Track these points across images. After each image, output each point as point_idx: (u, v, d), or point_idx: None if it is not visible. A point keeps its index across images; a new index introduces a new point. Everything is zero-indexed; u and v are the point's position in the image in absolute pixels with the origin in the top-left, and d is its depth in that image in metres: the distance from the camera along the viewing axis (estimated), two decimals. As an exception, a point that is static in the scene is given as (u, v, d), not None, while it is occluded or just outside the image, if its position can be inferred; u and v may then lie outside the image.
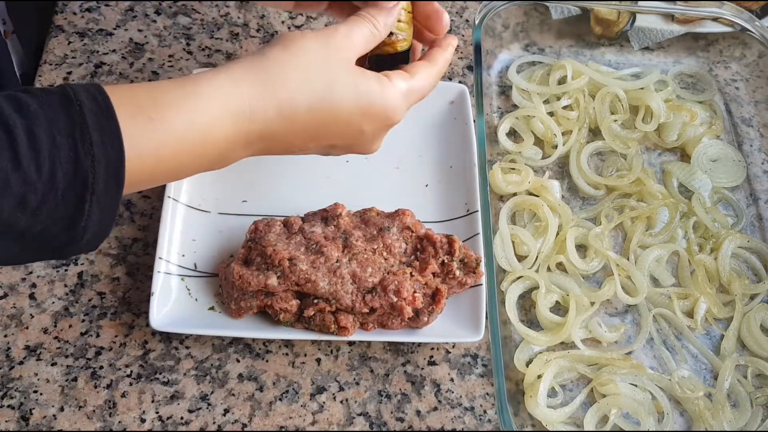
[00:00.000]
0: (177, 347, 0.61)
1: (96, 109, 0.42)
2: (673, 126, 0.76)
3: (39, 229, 0.41)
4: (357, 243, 0.60)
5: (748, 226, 0.72)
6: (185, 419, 0.58)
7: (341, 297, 0.58)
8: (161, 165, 0.46)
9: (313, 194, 0.67)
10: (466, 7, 0.84)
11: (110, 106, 0.43)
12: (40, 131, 0.40)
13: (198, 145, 0.47)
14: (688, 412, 0.61)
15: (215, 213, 0.66)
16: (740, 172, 0.74)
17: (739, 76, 0.82)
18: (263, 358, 0.61)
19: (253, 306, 0.59)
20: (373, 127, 0.54)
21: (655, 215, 0.69)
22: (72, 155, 0.41)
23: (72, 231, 0.42)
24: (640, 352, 0.64)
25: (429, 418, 0.59)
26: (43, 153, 0.40)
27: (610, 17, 0.80)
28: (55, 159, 0.40)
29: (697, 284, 0.66)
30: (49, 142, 0.40)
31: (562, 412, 0.59)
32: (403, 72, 0.55)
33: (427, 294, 0.60)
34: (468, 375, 0.62)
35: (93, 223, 0.43)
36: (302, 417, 0.59)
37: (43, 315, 0.62)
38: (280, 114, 0.49)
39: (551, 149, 0.73)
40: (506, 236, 0.67)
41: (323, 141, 0.53)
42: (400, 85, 0.54)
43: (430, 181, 0.70)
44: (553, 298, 0.65)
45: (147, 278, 0.63)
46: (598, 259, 0.67)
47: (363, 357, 0.62)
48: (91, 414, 0.58)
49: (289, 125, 0.50)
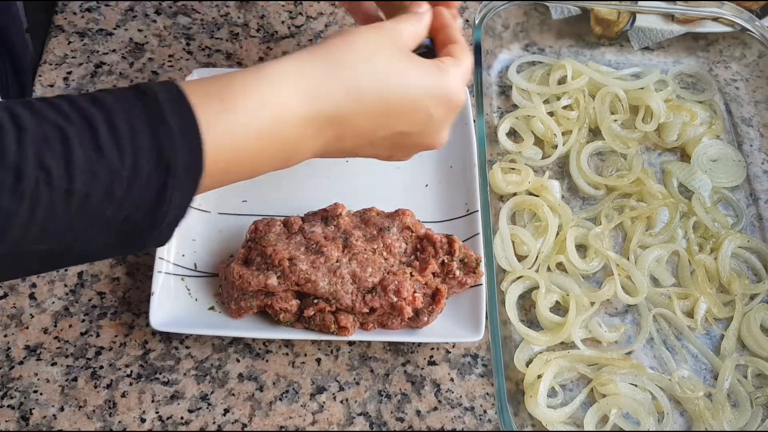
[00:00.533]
0: (177, 347, 0.61)
1: (170, 98, 0.43)
2: (673, 126, 0.76)
3: (123, 217, 0.42)
4: (357, 243, 0.60)
5: (748, 226, 0.72)
6: (185, 419, 0.58)
7: (341, 297, 0.58)
8: (237, 153, 0.46)
9: (313, 194, 0.67)
10: (466, 7, 0.84)
11: (183, 94, 0.43)
12: (119, 122, 0.41)
13: (272, 131, 0.48)
14: (688, 412, 0.61)
15: (215, 213, 0.66)
16: (740, 172, 0.74)
17: (739, 76, 0.82)
18: (263, 358, 0.61)
19: (253, 306, 0.59)
20: (439, 110, 0.54)
21: (655, 215, 0.69)
22: (153, 142, 0.41)
23: (154, 216, 0.43)
24: (640, 352, 0.64)
25: (429, 418, 0.59)
26: (124, 142, 0.41)
27: (610, 17, 0.80)
28: (137, 147, 0.41)
29: (697, 284, 0.66)
30: (129, 131, 0.41)
31: (562, 412, 0.59)
32: (448, 57, 0.56)
33: (427, 294, 0.60)
34: (468, 375, 0.62)
35: (174, 206, 0.43)
36: (302, 417, 0.59)
37: (43, 315, 0.62)
38: (348, 94, 0.50)
39: (551, 149, 0.73)
40: (506, 236, 0.67)
41: (393, 126, 0.53)
42: (454, 68, 0.55)
43: (430, 181, 0.70)
44: (553, 298, 0.65)
45: (147, 278, 0.63)
46: (598, 259, 0.67)
47: (363, 357, 0.62)
48: (91, 414, 0.58)
49: (357, 106, 0.50)
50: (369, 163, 0.70)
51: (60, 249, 0.42)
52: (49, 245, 0.41)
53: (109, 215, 0.41)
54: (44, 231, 0.40)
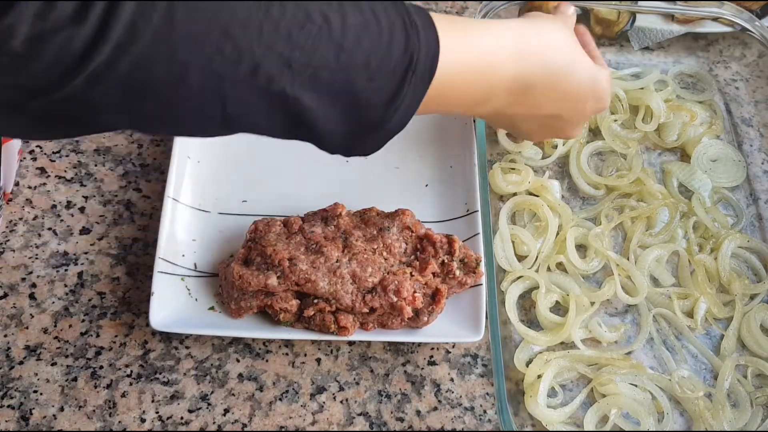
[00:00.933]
0: (177, 347, 0.61)
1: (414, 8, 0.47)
2: (673, 126, 0.76)
3: (366, 98, 0.44)
4: (357, 243, 0.60)
5: (748, 226, 0.72)
6: (185, 419, 0.58)
7: (341, 297, 0.58)
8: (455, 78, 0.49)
9: (313, 194, 0.67)
10: (466, 7, 0.84)
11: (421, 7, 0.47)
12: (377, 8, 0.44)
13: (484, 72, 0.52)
14: (688, 412, 0.61)
15: (215, 213, 0.66)
16: (740, 172, 0.74)
17: (739, 76, 0.82)
18: (263, 358, 0.61)
19: (253, 306, 0.59)
20: (592, 105, 0.60)
21: (655, 215, 0.69)
22: (404, 32, 0.45)
23: (388, 108, 0.45)
24: (640, 352, 0.64)
25: (429, 418, 0.59)
26: (383, 23, 0.44)
27: (610, 17, 0.80)
28: (393, 32, 0.44)
29: (697, 284, 0.66)
30: (386, 15, 0.44)
31: (562, 412, 0.59)
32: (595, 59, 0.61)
33: (427, 294, 0.60)
34: (468, 375, 0.62)
35: (404, 105, 0.46)
36: (302, 417, 0.59)
37: (43, 315, 0.62)
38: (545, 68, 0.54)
39: (551, 149, 0.73)
40: (506, 236, 0.67)
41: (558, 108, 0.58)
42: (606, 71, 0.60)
43: (430, 181, 0.70)
44: (553, 298, 0.65)
45: (147, 278, 0.63)
46: (598, 259, 0.67)
47: (363, 357, 0.62)
48: (91, 414, 0.58)
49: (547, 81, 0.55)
50: (369, 163, 0.70)
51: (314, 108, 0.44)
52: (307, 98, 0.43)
53: (359, 87, 0.44)
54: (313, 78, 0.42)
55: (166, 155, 0.70)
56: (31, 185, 0.68)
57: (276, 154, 0.70)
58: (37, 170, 0.69)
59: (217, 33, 0.39)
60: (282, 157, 0.70)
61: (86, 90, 0.38)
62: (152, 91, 0.40)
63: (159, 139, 0.72)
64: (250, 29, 0.40)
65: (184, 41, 0.38)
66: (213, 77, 0.40)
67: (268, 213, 0.66)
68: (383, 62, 0.44)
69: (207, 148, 0.69)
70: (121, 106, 0.40)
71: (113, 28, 0.36)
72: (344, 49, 0.43)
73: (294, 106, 0.43)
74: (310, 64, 0.42)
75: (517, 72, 0.53)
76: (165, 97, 0.40)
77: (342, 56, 0.43)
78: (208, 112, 0.42)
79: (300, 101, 0.43)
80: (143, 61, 0.38)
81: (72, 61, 0.36)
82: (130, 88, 0.39)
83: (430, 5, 0.84)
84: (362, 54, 0.43)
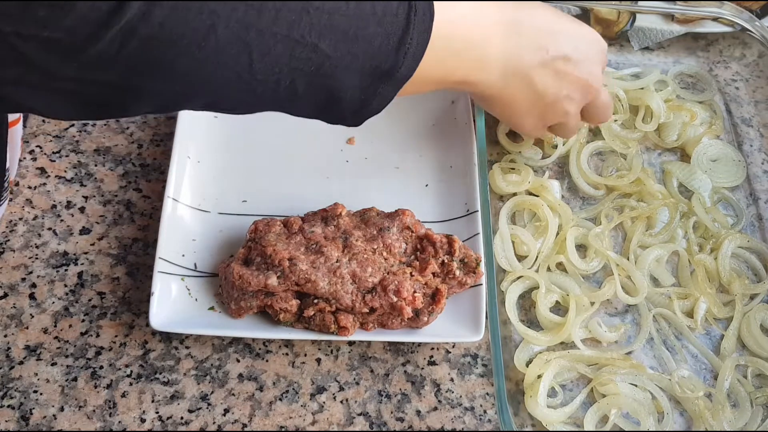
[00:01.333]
0: (177, 347, 0.61)
1: None
2: (673, 126, 0.76)
3: (378, 44, 0.47)
4: (357, 243, 0.60)
5: (748, 226, 0.72)
6: (185, 419, 0.58)
7: (341, 297, 0.58)
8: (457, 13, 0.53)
9: (313, 194, 0.67)
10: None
11: None
12: None
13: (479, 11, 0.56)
14: (688, 412, 0.61)
15: (215, 213, 0.66)
16: (740, 172, 0.74)
17: (739, 76, 0.82)
18: (263, 358, 0.61)
19: (253, 306, 0.59)
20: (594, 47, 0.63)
21: (655, 215, 0.69)
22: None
23: (398, 53, 0.48)
24: (640, 352, 0.64)
25: (429, 418, 0.59)
26: None
27: (610, 17, 0.80)
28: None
29: (697, 284, 0.66)
30: None
31: (562, 412, 0.59)
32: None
33: (427, 294, 0.60)
34: (468, 375, 0.62)
35: (412, 49, 0.49)
36: (302, 417, 0.59)
37: (43, 315, 0.62)
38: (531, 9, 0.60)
39: (551, 149, 0.73)
40: (506, 236, 0.67)
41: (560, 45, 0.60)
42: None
43: (430, 181, 0.70)
44: (553, 298, 0.65)
45: (147, 278, 0.63)
46: (598, 259, 0.67)
47: (363, 357, 0.62)
48: (91, 414, 0.58)
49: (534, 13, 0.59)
50: (369, 163, 0.70)
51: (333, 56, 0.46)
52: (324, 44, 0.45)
53: (371, 32, 0.47)
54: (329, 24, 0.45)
55: (166, 155, 0.70)
56: (31, 185, 0.68)
57: (276, 154, 0.70)
58: (37, 170, 0.69)
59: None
60: (282, 157, 0.70)
61: (120, 47, 0.38)
62: (184, 46, 0.40)
63: (159, 139, 0.72)
64: None
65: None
66: (239, 26, 0.41)
67: (268, 213, 0.66)
68: (387, 7, 0.47)
69: (207, 148, 0.69)
70: (153, 67, 0.41)
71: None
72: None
73: (314, 55, 0.45)
74: (324, 8, 0.44)
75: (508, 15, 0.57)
76: (196, 51, 0.41)
77: (351, 2, 0.45)
78: (237, 66, 0.43)
79: (319, 47, 0.45)
80: (176, 10, 0.39)
81: (107, 9, 0.37)
82: (163, 42, 0.40)
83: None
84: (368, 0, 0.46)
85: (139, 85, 0.42)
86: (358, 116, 0.52)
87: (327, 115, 0.52)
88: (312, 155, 0.70)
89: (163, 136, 0.72)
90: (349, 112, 0.52)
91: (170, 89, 0.44)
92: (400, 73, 0.49)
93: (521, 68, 0.58)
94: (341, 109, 0.51)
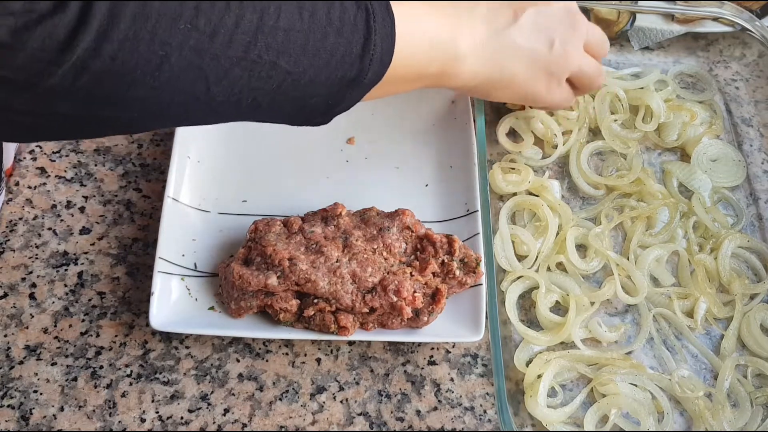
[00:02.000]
0: (177, 347, 0.61)
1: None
2: (673, 126, 0.76)
3: (341, 52, 0.47)
4: (357, 243, 0.60)
5: (748, 226, 0.72)
6: (185, 419, 0.58)
7: (341, 297, 0.58)
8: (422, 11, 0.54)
9: (313, 194, 0.67)
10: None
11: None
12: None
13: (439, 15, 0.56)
14: (688, 412, 0.61)
15: (215, 213, 0.66)
16: (740, 172, 0.74)
17: (739, 76, 0.82)
18: (263, 358, 0.61)
19: (253, 306, 0.59)
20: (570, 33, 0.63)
21: (655, 215, 0.69)
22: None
23: (362, 60, 0.48)
24: (640, 352, 0.64)
25: (429, 418, 0.59)
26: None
27: (610, 17, 0.80)
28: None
29: (697, 284, 0.66)
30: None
31: (562, 412, 0.59)
32: None
33: (427, 294, 0.60)
34: (468, 375, 0.62)
35: (378, 54, 0.49)
36: (302, 417, 0.59)
37: (43, 315, 0.62)
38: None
39: (551, 149, 0.73)
40: (506, 236, 0.67)
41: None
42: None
43: (430, 181, 0.70)
44: (553, 297, 0.65)
45: (147, 278, 0.63)
46: (598, 259, 0.67)
47: (363, 357, 0.62)
48: (91, 414, 0.58)
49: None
50: (369, 163, 0.70)
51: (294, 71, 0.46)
52: (284, 61, 0.45)
53: (330, 43, 0.46)
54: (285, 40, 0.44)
55: (166, 155, 0.70)
56: (31, 185, 0.68)
57: (276, 154, 0.70)
58: (37, 170, 0.69)
59: (190, 9, 0.41)
60: (282, 158, 0.70)
61: (73, 81, 0.38)
62: (138, 77, 0.40)
63: (159, 139, 0.72)
64: (218, 2, 0.42)
65: (161, 20, 0.39)
66: (192, 54, 0.41)
67: (268, 213, 0.66)
68: (343, 16, 0.47)
69: (207, 148, 0.69)
70: (108, 98, 0.41)
71: (94, 14, 0.37)
72: (305, 9, 0.45)
73: (274, 72, 0.45)
74: (279, 26, 0.44)
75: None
76: (150, 81, 0.41)
77: (305, 14, 0.45)
78: (194, 92, 0.43)
79: (278, 65, 0.45)
80: (126, 44, 0.39)
81: (57, 48, 0.37)
82: (115, 74, 0.40)
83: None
84: (321, 11, 0.46)
85: (95, 114, 0.42)
86: (325, 117, 0.52)
87: (293, 121, 0.52)
88: (312, 155, 0.70)
89: (163, 136, 0.72)
90: (316, 116, 0.52)
91: (128, 116, 0.44)
92: (368, 79, 0.49)
93: (499, 39, 0.58)
94: (307, 115, 0.51)
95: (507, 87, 0.62)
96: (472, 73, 0.58)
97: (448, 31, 0.55)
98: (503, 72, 0.60)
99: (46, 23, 0.37)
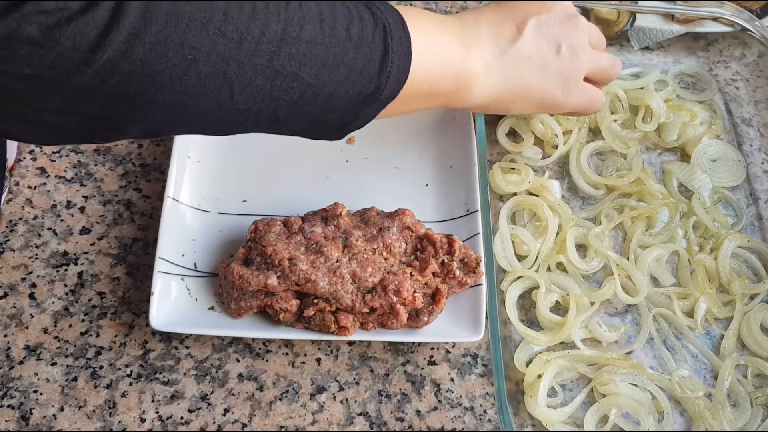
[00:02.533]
0: (177, 347, 0.61)
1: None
2: (673, 126, 0.76)
3: (360, 67, 0.48)
4: (357, 243, 0.60)
5: (748, 226, 0.72)
6: (185, 419, 0.58)
7: (341, 297, 0.58)
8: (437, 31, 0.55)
9: (313, 194, 0.67)
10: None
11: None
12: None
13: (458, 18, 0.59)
14: (688, 412, 0.61)
15: (215, 213, 0.66)
16: (740, 171, 0.74)
17: (739, 76, 0.82)
18: (263, 358, 0.61)
19: (253, 306, 0.59)
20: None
21: (655, 215, 0.69)
22: (368, 11, 0.50)
23: (380, 76, 0.49)
24: (640, 352, 0.64)
25: (429, 418, 0.59)
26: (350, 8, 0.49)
27: (610, 17, 0.80)
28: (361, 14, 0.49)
29: (697, 284, 0.66)
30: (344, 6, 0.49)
31: (562, 412, 0.59)
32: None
33: (427, 294, 0.60)
34: (468, 375, 0.62)
35: (395, 71, 0.50)
36: (302, 417, 0.59)
37: (43, 315, 0.62)
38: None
39: (551, 149, 0.73)
40: (506, 236, 0.67)
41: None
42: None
43: (430, 181, 0.70)
44: (553, 297, 0.65)
45: (147, 278, 0.63)
46: (598, 259, 0.67)
47: (363, 357, 0.62)
48: (91, 414, 0.58)
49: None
50: (369, 163, 0.70)
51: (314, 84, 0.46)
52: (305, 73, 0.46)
53: (350, 57, 0.47)
54: (307, 52, 0.45)
55: (166, 155, 0.70)
56: (31, 185, 0.68)
57: (276, 154, 0.70)
58: (37, 170, 0.69)
59: (219, 14, 0.41)
60: (282, 157, 0.70)
61: (102, 82, 0.38)
62: (165, 81, 0.41)
63: (159, 139, 0.72)
64: (245, 9, 0.42)
65: (191, 24, 0.40)
66: (219, 60, 0.42)
67: (268, 213, 0.66)
68: (362, 33, 0.48)
69: (207, 148, 0.69)
70: (135, 100, 0.41)
71: (126, 14, 0.38)
72: (325, 22, 0.46)
73: (295, 84, 0.45)
74: (302, 38, 0.45)
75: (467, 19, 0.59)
76: (177, 86, 0.41)
77: (326, 28, 0.46)
78: (218, 99, 0.44)
79: (300, 76, 0.45)
80: (157, 47, 0.39)
81: (88, 47, 0.37)
82: (144, 77, 0.40)
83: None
84: (341, 26, 0.46)
85: (122, 117, 0.42)
86: (339, 134, 0.53)
87: (308, 134, 0.53)
88: (312, 155, 0.70)
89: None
90: (331, 131, 0.52)
91: (152, 120, 0.44)
92: (384, 95, 0.50)
93: (508, 55, 0.59)
94: (322, 130, 0.52)
95: (523, 98, 0.62)
96: (486, 90, 0.59)
97: (459, 50, 0.56)
98: (517, 84, 0.60)
99: (78, 21, 0.37)
